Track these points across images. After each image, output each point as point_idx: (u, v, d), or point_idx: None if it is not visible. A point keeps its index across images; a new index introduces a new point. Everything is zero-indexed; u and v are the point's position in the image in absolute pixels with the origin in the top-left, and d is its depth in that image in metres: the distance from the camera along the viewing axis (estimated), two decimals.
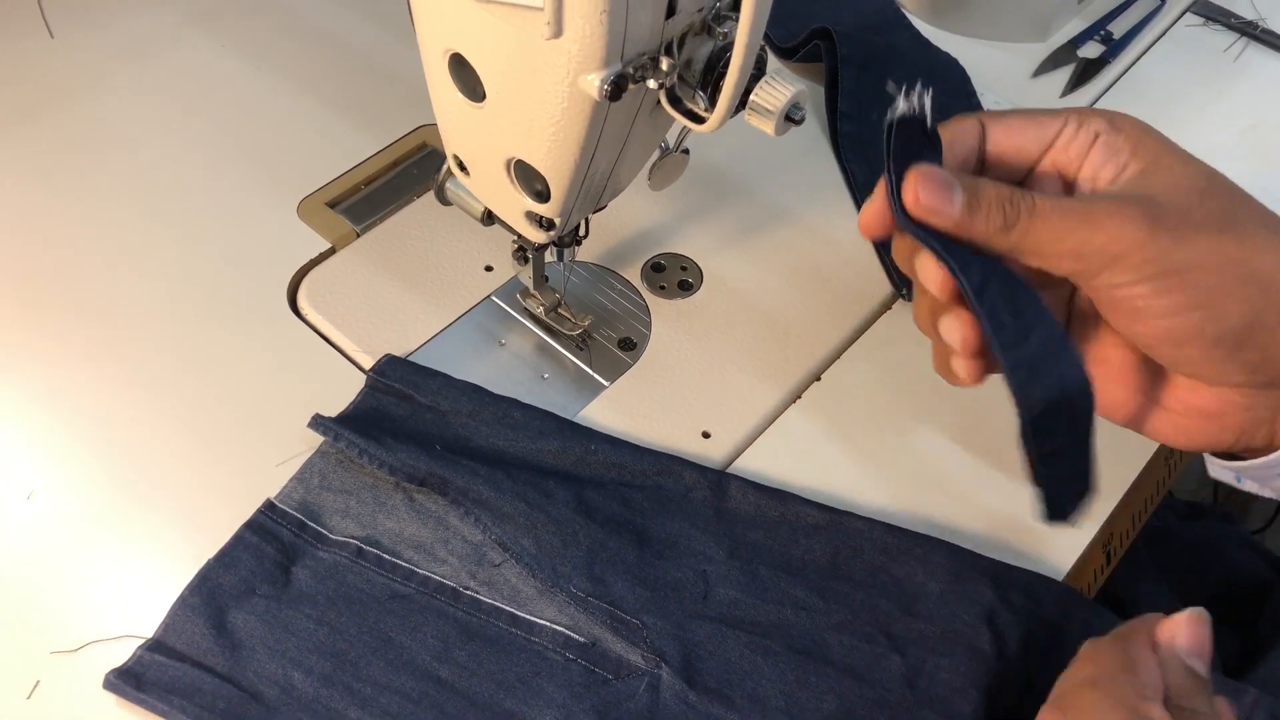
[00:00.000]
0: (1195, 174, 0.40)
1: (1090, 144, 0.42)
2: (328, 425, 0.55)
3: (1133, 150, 0.41)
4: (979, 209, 0.39)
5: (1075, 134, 0.42)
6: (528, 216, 0.52)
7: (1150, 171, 0.41)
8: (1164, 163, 0.41)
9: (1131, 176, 0.41)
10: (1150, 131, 0.42)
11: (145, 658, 0.48)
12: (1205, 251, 0.38)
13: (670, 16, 0.41)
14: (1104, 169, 0.41)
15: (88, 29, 0.75)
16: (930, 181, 0.40)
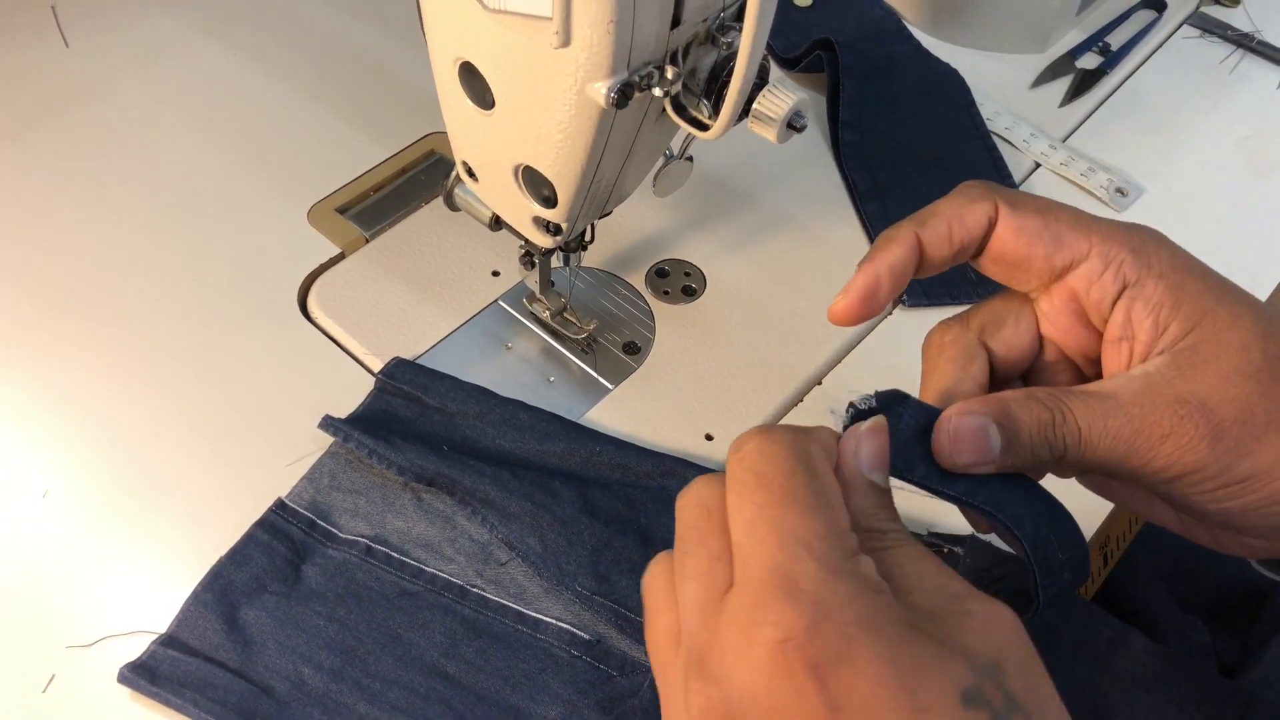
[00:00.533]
0: (1251, 345, 0.36)
1: (1118, 292, 0.37)
2: (337, 426, 0.56)
3: (1174, 305, 0.36)
4: (1021, 448, 0.36)
5: (1099, 274, 0.37)
6: (535, 222, 0.53)
7: (1199, 344, 0.36)
8: (1212, 327, 0.36)
9: (1174, 340, 0.36)
10: (1190, 273, 0.37)
11: (159, 652, 0.49)
12: (1271, 459, 0.35)
13: (675, 27, 0.42)
14: (1141, 328, 0.37)
15: (102, 37, 0.77)
16: (964, 437, 0.36)
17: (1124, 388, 0.36)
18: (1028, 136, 0.75)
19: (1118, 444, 0.35)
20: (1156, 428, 0.35)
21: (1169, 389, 0.35)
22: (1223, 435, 0.35)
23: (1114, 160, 0.74)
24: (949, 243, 0.38)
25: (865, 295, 0.38)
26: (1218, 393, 0.35)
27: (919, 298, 0.65)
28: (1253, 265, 0.69)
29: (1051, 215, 0.38)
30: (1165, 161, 0.75)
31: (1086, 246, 0.37)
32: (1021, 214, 0.38)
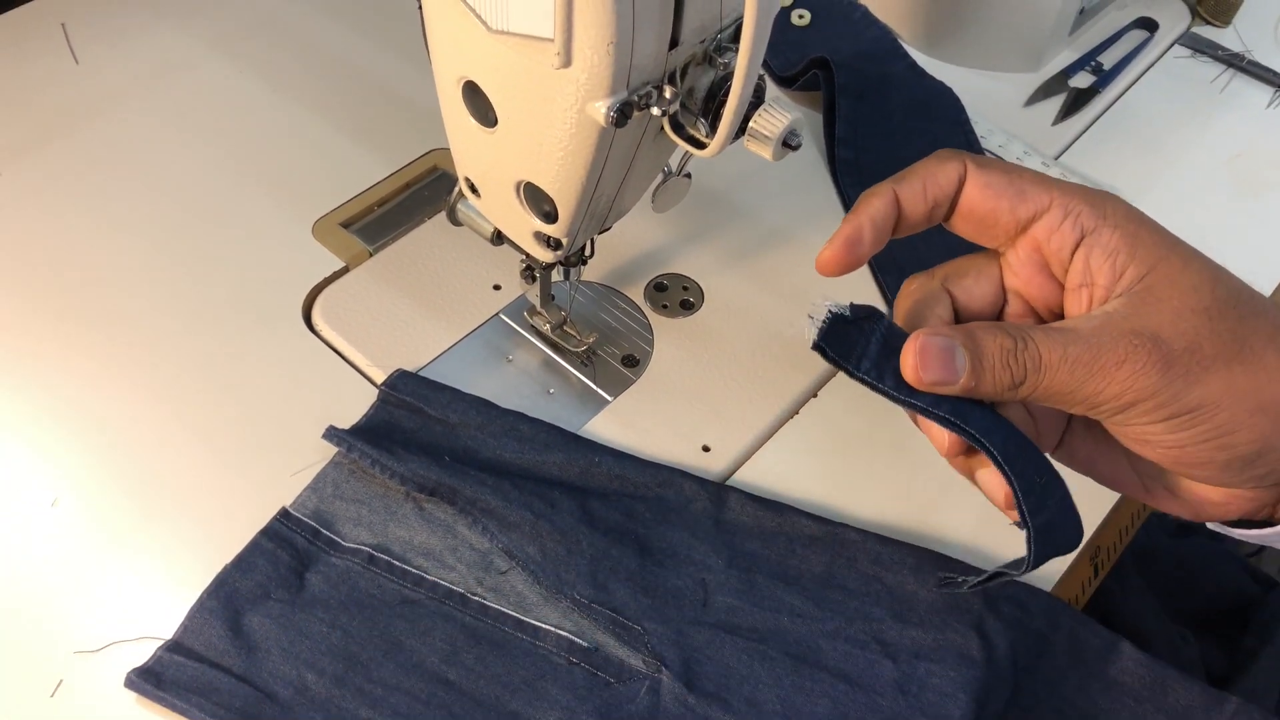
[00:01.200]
0: (1201, 285, 0.38)
1: (1077, 240, 0.40)
2: (341, 436, 0.57)
3: (1129, 251, 0.39)
4: (984, 371, 0.38)
5: (1059, 224, 0.40)
6: (536, 237, 0.54)
7: (1154, 285, 0.38)
8: (1166, 270, 0.38)
9: (1131, 284, 0.39)
10: (1144, 224, 0.40)
11: (165, 658, 0.50)
12: (1218, 389, 0.37)
13: (674, 48, 0.43)
14: (1099, 273, 0.39)
15: (111, 54, 0.78)
16: (930, 353, 0.38)
17: (1083, 324, 0.39)
18: (1021, 154, 0.76)
19: (1076, 369, 0.38)
20: (1112, 355, 0.37)
21: (1125, 323, 0.38)
22: (1173, 363, 0.37)
23: (1105, 178, 0.76)
24: (924, 198, 0.41)
25: (849, 243, 0.41)
26: (1169, 326, 0.37)
27: None
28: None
29: (1015, 173, 0.41)
30: (1156, 179, 0.76)
31: (1048, 199, 0.40)
32: (988, 171, 0.41)
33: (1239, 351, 0.38)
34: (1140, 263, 0.38)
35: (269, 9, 0.83)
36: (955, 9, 0.81)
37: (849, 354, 0.39)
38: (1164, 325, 0.37)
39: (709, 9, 0.43)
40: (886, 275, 0.68)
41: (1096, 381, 0.37)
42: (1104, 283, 0.39)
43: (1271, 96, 0.83)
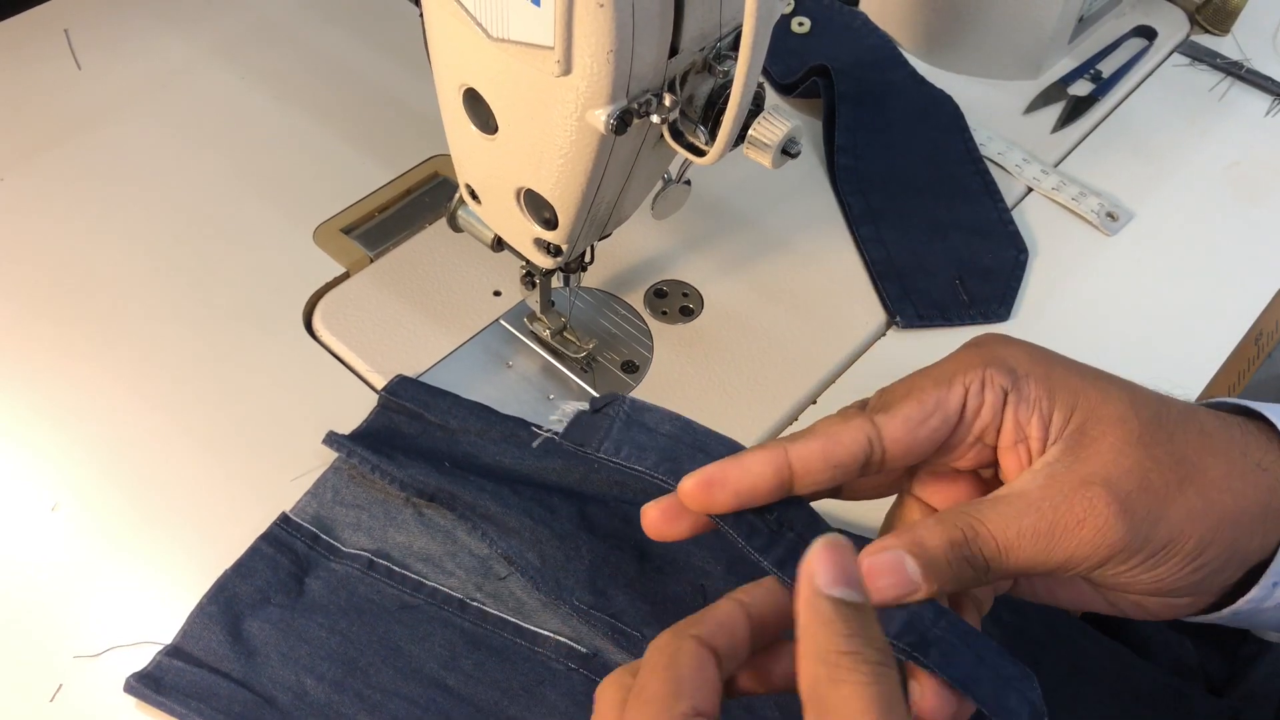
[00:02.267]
0: (1126, 415, 0.38)
1: (1000, 405, 0.38)
2: (341, 442, 0.57)
3: (1049, 396, 0.38)
4: (941, 572, 0.36)
5: (980, 397, 0.39)
6: (536, 243, 0.54)
7: (1084, 425, 0.38)
8: (1087, 405, 0.38)
9: (1061, 429, 0.38)
10: (1052, 362, 0.39)
11: (164, 663, 0.50)
12: (1181, 519, 0.37)
13: (673, 56, 0.43)
14: (1030, 426, 0.38)
15: (113, 61, 0.78)
16: (880, 572, 0.36)
17: (1029, 484, 0.37)
18: (1020, 162, 0.77)
19: (1038, 541, 0.36)
20: (1070, 514, 0.36)
21: (1070, 475, 0.37)
22: (1131, 508, 0.36)
23: (1105, 185, 0.76)
24: (824, 462, 0.38)
25: (703, 488, 0.37)
26: (1114, 466, 0.37)
27: (912, 319, 0.66)
28: (1239, 290, 0.70)
29: (917, 390, 0.39)
30: (1155, 187, 0.76)
31: (961, 390, 0.39)
32: (897, 410, 0.39)
33: (1184, 472, 0.37)
34: (1063, 404, 0.38)
35: (271, 15, 0.83)
36: (955, 17, 0.82)
37: (591, 440, 0.41)
38: (1108, 466, 0.37)
39: (709, 17, 0.43)
40: (887, 283, 0.68)
41: (1062, 548, 0.36)
42: (1038, 435, 0.38)
43: (1270, 105, 0.83)
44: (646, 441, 0.41)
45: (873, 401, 0.40)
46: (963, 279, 0.69)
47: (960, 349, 0.41)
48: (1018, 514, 0.37)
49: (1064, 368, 0.39)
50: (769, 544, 0.39)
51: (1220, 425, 0.39)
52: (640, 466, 0.40)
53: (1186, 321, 0.68)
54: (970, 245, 0.71)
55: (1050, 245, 0.72)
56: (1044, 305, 0.68)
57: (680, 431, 0.41)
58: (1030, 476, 0.38)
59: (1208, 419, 0.39)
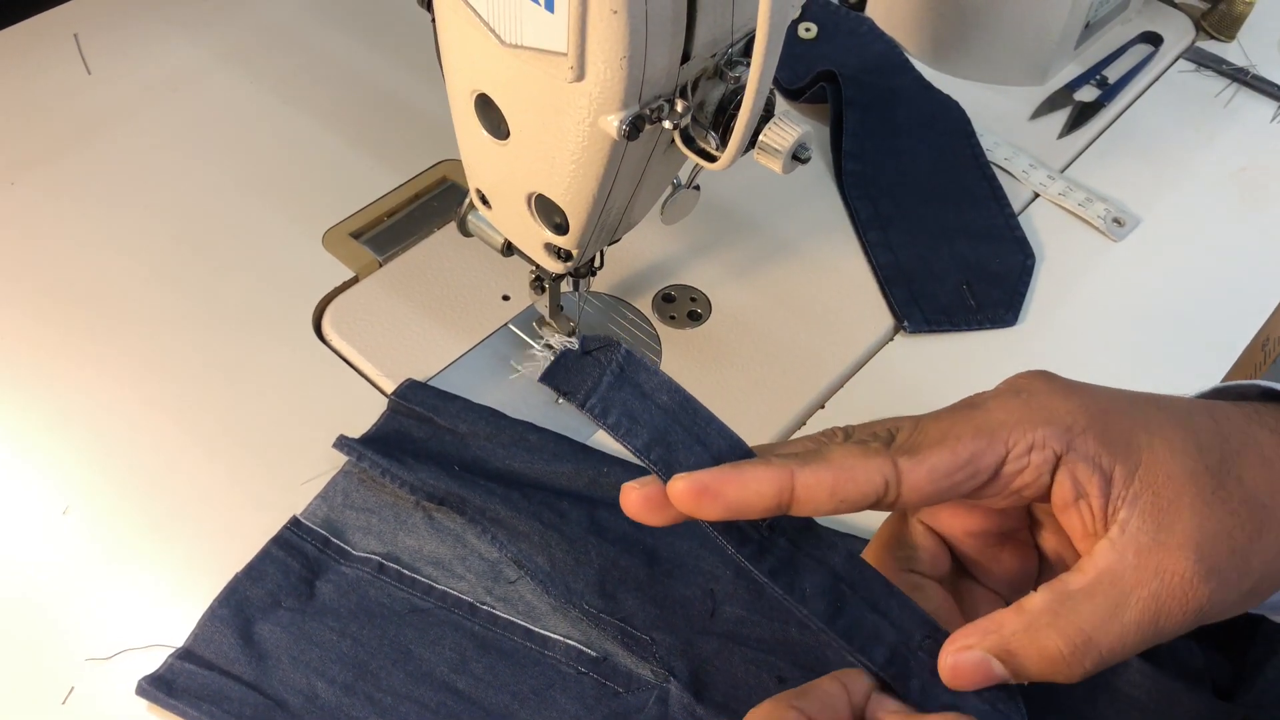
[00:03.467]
0: (1195, 469, 0.35)
1: (1053, 464, 0.36)
2: (351, 446, 0.57)
3: (1109, 451, 0.36)
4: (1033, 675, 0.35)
5: (1025, 459, 0.36)
6: (546, 248, 0.54)
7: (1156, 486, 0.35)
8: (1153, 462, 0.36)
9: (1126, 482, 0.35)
10: (1101, 412, 0.36)
11: (176, 665, 0.50)
12: (1261, 569, 0.35)
13: (685, 62, 0.44)
14: (1089, 483, 0.36)
15: (123, 66, 0.78)
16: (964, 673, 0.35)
17: (1117, 563, 0.35)
18: (1027, 167, 0.77)
19: (1143, 633, 0.35)
20: (1171, 600, 0.34)
21: (1160, 549, 0.35)
22: (1224, 577, 0.35)
23: (1111, 191, 0.76)
24: (830, 495, 0.35)
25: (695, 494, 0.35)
26: (1199, 532, 0.35)
27: (920, 324, 0.66)
28: (1246, 295, 0.70)
29: (953, 438, 0.36)
30: (1161, 192, 0.77)
31: (1003, 449, 0.36)
32: (925, 456, 0.36)
33: (1261, 518, 0.36)
34: (1124, 460, 0.36)
35: (280, 20, 0.83)
36: (961, 23, 0.82)
37: (577, 388, 0.37)
38: (1193, 533, 0.35)
39: (720, 23, 0.44)
40: (894, 288, 0.68)
41: (1166, 633, 0.35)
42: (1098, 491, 0.36)
43: (1276, 111, 0.83)
44: (639, 410, 0.37)
45: (901, 437, 0.37)
46: (970, 284, 0.69)
47: (1005, 392, 0.38)
48: (1117, 608, 0.34)
49: (1119, 415, 0.37)
50: (760, 552, 0.37)
51: (1278, 445, 0.38)
52: (630, 443, 0.36)
53: (1193, 327, 0.68)
54: (977, 250, 0.71)
55: (1057, 250, 0.72)
56: (1051, 311, 0.69)
57: (678, 409, 0.38)
58: (1114, 553, 0.35)
59: (1265, 438, 0.38)
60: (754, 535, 0.37)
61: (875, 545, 0.43)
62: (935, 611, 0.40)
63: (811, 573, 0.37)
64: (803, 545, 0.38)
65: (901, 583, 0.40)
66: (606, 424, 0.37)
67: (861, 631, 0.37)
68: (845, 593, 0.37)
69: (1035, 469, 0.36)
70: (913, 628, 0.37)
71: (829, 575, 0.38)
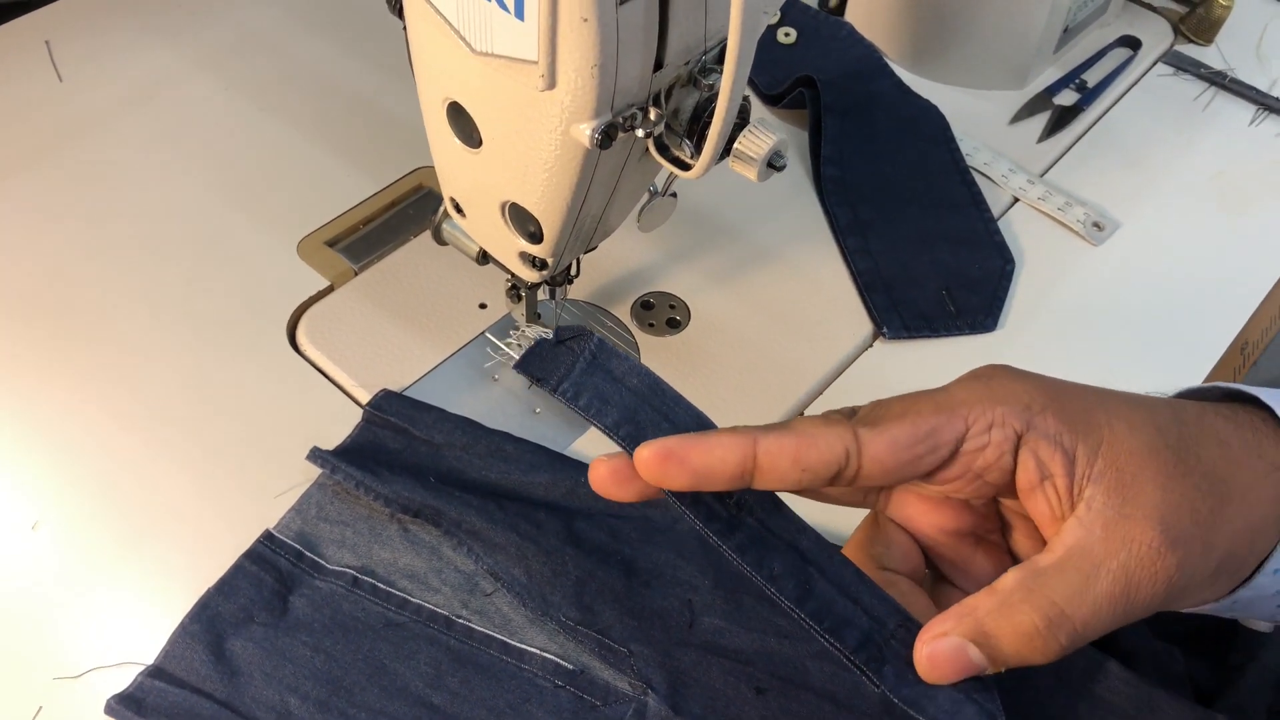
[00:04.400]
0: (1156, 440, 0.36)
1: (1011, 446, 0.36)
2: (325, 458, 0.56)
3: (1070, 430, 0.36)
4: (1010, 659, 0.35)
5: (985, 436, 0.36)
6: (521, 257, 0.54)
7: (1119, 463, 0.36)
8: (1113, 439, 0.36)
9: (1090, 462, 0.36)
10: (1067, 395, 0.37)
11: (146, 684, 0.49)
12: (1225, 544, 0.36)
13: (658, 70, 0.43)
14: (1053, 463, 0.36)
15: (95, 73, 0.78)
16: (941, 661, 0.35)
17: (1086, 538, 0.35)
18: (1006, 171, 0.77)
19: (1115, 606, 0.35)
20: (1140, 570, 0.34)
21: (1126, 522, 0.35)
22: (1189, 546, 0.35)
23: (1091, 195, 0.76)
24: (793, 462, 0.35)
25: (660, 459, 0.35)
26: (1163, 504, 0.35)
27: (899, 330, 0.66)
28: (1225, 298, 0.70)
29: (913, 413, 0.36)
30: (1141, 196, 0.77)
31: (962, 424, 0.36)
32: (886, 427, 0.36)
33: (1221, 492, 0.36)
34: (1086, 438, 0.36)
35: (254, 27, 0.82)
36: (940, 27, 0.82)
37: (550, 374, 0.38)
38: (1159, 505, 0.35)
39: (693, 31, 0.43)
40: (874, 295, 0.68)
41: (1137, 606, 0.35)
42: (1062, 470, 0.36)
43: (1254, 114, 0.83)
44: (610, 392, 0.38)
45: (863, 411, 0.38)
46: (950, 290, 0.69)
47: (965, 378, 0.38)
48: (1088, 580, 0.35)
49: (1078, 398, 0.37)
50: (728, 529, 0.37)
51: (1234, 429, 0.38)
52: (599, 422, 0.37)
53: (1172, 331, 0.68)
54: (957, 256, 0.71)
55: (1037, 255, 0.72)
56: (1031, 315, 0.68)
57: (648, 390, 0.38)
58: (1082, 529, 0.35)
59: (1220, 425, 0.38)
60: (722, 513, 0.37)
61: (849, 545, 0.42)
62: (910, 608, 0.39)
63: (781, 553, 0.37)
64: (771, 526, 0.37)
65: (876, 579, 0.39)
66: (577, 405, 0.37)
67: (832, 614, 0.37)
68: (814, 575, 0.37)
69: (996, 447, 0.36)
70: (885, 616, 0.37)
71: (798, 557, 0.37)
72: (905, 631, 0.37)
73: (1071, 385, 0.38)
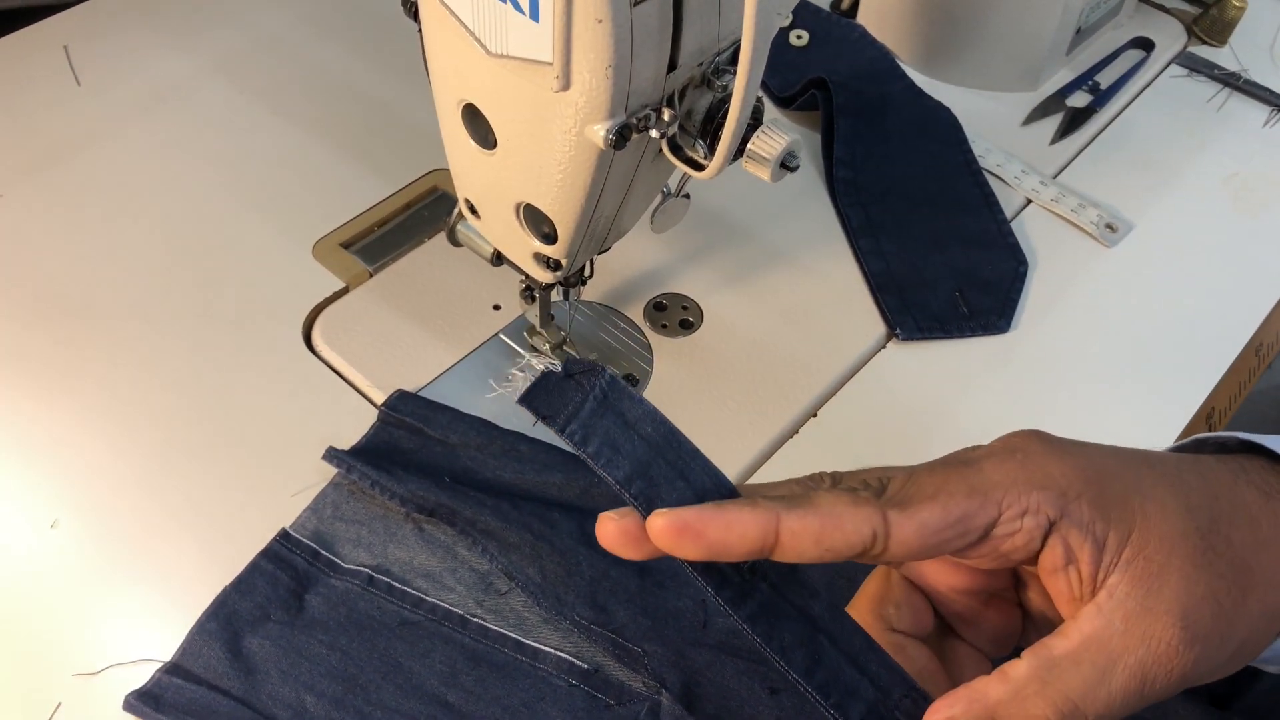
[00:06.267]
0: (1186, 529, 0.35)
1: (1042, 533, 0.35)
2: (341, 457, 0.57)
3: (1103, 517, 0.35)
4: None
5: (1017, 523, 0.35)
6: (536, 258, 0.54)
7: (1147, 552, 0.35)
8: (1145, 525, 0.35)
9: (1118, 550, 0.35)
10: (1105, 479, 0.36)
11: (164, 680, 0.50)
12: (1245, 634, 0.35)
13: (672, 70, 0.44)
14: (1080, 549, 0.35)
15: (113, 78, 0.78)
16: None
17: (1104, 630, 0.34)
18: (1019, 173, 0.77)
19: (1129, 700, 0.34)
20: (1158, 667, 0.34)
21: (1148, 616, 0.34)
22: (1208, 641, 0.34)
23: (1104, 197, 0.76)
24: (815, 543, 0.34)
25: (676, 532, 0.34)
26: (1187, 597, 0.34)
27: (912, 331, 0.66)
28: (1239, 301, 0.70)
29: (945, 494, 0.35)
30: (1154, 198, 0.76)
31: (995, 510, 0.35)
32: (916, 511, 0.35)
33: (1247, 581, 0.35)
34: (1118, 525, 0.35)
35: (270, 31, 0.83)
36: (953, 29, 0.82)
37: (557, 412, 0.35)
38: (1181, 599, 0.34)
39: (707, 32, 0.43)
40: (887, 296, 0.68)
41: (1152, 697, 0.34)
42: (1089, 558, 0.35)
43: (1268, 115, 0.83)
44: (621, 440, 0.35)
45: (892, 488, 0.36)
46: (962, 291, 0.69)
47: (1000, 452, 0.37)
48: (1104, 675, 0.34)
49: (1113, 478, 0.36)
50: (739, 597, 0.36)
51: (1264, 502, 0.37)
52: (610, 474, 0.35)
53: (1187, 333, 0.68)
54: (970, 257, 0.71)
55: (1050, 257, 0.72)
56: (1044, 317, 0.68)
57: (663, 441, 0.36)
58: (1102, 618, 0.35)
59: (1252, 499, 0.37)
60: (734, 578, 0.36)
61: (859, 601, 0.42)
62: (919, 672, 0.40)
63: (792, 621, 0.36)
64: (785, 591, 0.37)
65: (885, 643, 0.39)
66: (586, 452, 0.35)
67: (839, 686, 0.36)
68: (824, 645, 0.37)
69: (1027, 534, 0.35)
70: (891, 685, 0.37)
71: (809, 625, 0.37)
72: (911, 703, 0.37)
73: (1107, 460, 0.37)
